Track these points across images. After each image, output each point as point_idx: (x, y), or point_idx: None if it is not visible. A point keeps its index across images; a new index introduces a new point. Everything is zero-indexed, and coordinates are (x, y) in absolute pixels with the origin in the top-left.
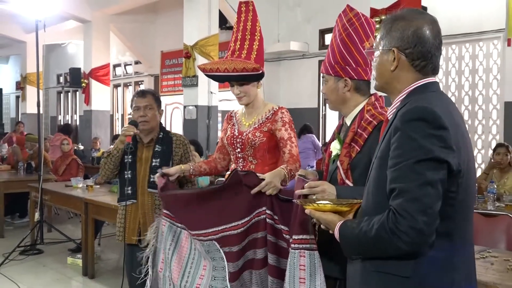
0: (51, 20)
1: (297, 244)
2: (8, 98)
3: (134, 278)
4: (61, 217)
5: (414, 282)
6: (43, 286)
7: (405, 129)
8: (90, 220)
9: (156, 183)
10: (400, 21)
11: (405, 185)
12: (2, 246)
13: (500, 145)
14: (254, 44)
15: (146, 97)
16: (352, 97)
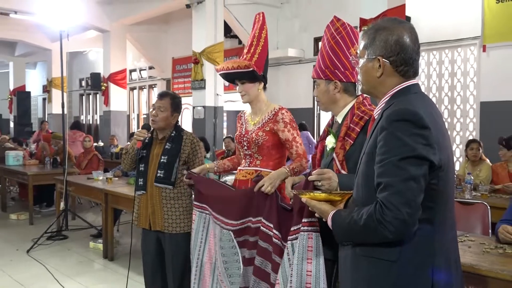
0: (74, 30)
1: (306, 227)
2: (36, 100)
3: (146, 256)
4: (83, 206)
5: (399, 266)
6: (68, 268)
7: (390, 128)
8: (110, 208)
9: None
10: (382, 31)
11: (390, 179)
12: (32, 232)
13: (473, 141)
14: (258, 48)
15: (163, 99)
16: (342, 97)
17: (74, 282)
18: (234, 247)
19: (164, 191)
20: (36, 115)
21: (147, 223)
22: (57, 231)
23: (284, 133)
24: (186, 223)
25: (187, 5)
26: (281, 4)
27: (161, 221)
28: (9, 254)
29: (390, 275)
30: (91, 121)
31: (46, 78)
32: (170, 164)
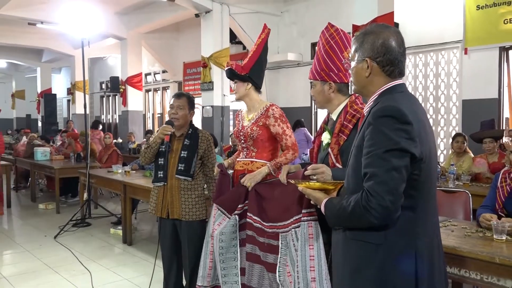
0: (95, 38)
1: (306, 217)
2: (61, 101)
3: (164, 243)
4: (105, 197)
5: (385, 248)
6: (91, 252)
7: (376, 124)
8: (128, 198)
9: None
10: (370, 35)
11: (375, 170)
12: (58, 220)
13: (458, 134)
14: (250, 53)
15: (181, 98)
16: (336, 97)
17: (97, 265)
18: (235, 231)
19: (182, 183)
20: (62, 115)
21: (164, 212)
22: (81, 219)
23: (275, 127)
24: (201, 212)
25: (196, 14)
26: (281, 12)
27: (178, 210)
28: (39, 240)
29: (376, 256)
30: (111, 120)
31: (70, 82)
32: (189, 159)
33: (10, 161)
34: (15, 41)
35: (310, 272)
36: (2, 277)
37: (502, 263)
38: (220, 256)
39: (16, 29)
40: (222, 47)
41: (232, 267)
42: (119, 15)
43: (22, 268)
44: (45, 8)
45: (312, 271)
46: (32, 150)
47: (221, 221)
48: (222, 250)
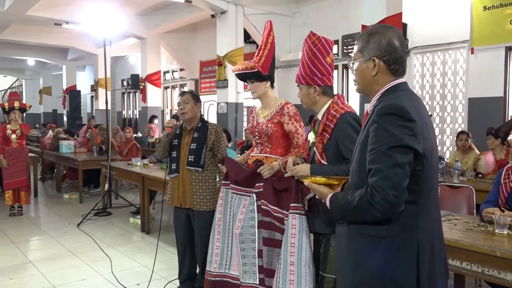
0: (116, 37)
1: (292, 210)
2: (85, 98)
3: (178, 231)
4: (125, 188)
5: (388, 241)
6: (111, 239)
7: (380, 121)
8: (146, 190)
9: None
10: (375, 35)
11: (379, 166)
12: (81, 209)
13: (462, 132)
14: (265, 52)
15: (185, 95)
16: (321, 99)
17: (116, 251)
18: (253, 211)
19: (194, 174)
20: (85, 110)
21: (178, 202)
22: (102, 209)
23: (288, 125)
24: (212, 202)
25: (212, 15)
26: (293, 13)
27: (190, 200)
28: (63, 228)
29: (379, 249)
30: (132, 115)
31: (93, 79)
32: (199, 150)
33: (37, 153)
34: (42, 40)
35: (290, 257)
36: (28, 261)
37: (503, 257)
38: (240, 237)
39: (43, 29)
40: (237, 47)
41: (250, 248)
42: (139, 16)
43: (47, 253)
44: (70, 9)
45: (292, 256)
46: (58, 143)
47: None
48: (242, 230)
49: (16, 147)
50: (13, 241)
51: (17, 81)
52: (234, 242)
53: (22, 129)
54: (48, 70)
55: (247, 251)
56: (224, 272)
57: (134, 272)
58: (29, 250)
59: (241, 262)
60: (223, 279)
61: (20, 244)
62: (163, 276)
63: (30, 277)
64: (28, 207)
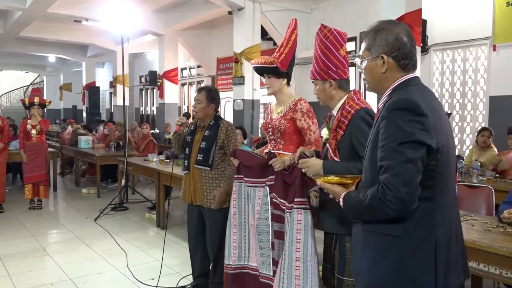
0: (135, 34)
1: (297, 205)
2: (104, 94)
3: (190, 226)
4: (141, 183)
5: (403, 240)
6: (127, 234)
7: (390, 117)
8: (162, 185)
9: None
10: (381, 32)
11: (390, 162)
12: (99, 203)
13: (485, 128)
14: (286, 49)
15: (200, 93)
16: (337, 93)
17: (132, 246)
18: (267, 203)
19: (204, 172)
20: (104, 106)
21: (190, 199)
22: (119, 203)
23: (301, 122)
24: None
25: (229, 12)
26: (311, 10)
27: (201, 197)
28: (80, 221)
29: (395, 247)
30: (149, 111)
31: (112, 75)
32: (208, 149)
33: (56, 148)
34: (63, 37)
35: (295, 253)
36: (46, 254)
37: None
38: (257, 228)
39: (63, 26)
40: (254, 43)
41: (266, 240)
42: (157, 13)
43: (65, 246)
44: (90, 6)
45: (297, 252)
46: (76, 139)
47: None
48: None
49: (36, 142)
50: (32, 234)
51: (38, 78)
52: (251, 234)
53: (42, 125)
54: (68, 66)
55: (264, 243)
56: (244, 264)
57: (149, 266)
58: (47, 243)
59: (259, 253)
60: (243, 270)
61: (39, 237)
62: (176, 271)
63: (48, 270)
64: (47, 201)
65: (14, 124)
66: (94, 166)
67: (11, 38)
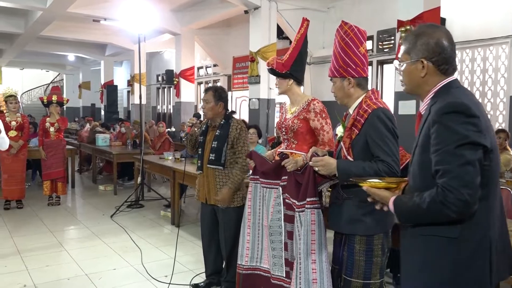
0: (152, 33)
1: (310, 205)
2: (121, 92)
3: (203, 225)
4: (158, 181)
5: (460, 242)
6: (143, 231)
7: (442, 120)
8: (177, 184)
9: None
10: (422, 36)
11: (448, 166)
12: (115, 201)
13: (501, 130)
14: (290, 49)
15: (207, 93)
16: (355, 92)
17: (146, 243)
18: (280, 204)
19: (216, 171)
20: (122, 104)
21: (204, 198)
22: (135, 201)
23: (314, 122)
24: (236, 199)
25: (246, 11)
26: (327, 8)
27: (214, 197)
28: (97, 218)
29: (450, 250)
30: (166, 110)
31: (129, 74)
32: (219, 148)
33: (75, 146)
34: (82, 36)
35: (311, 255)
36: (63, 249)
37: None
38: (269, 229)
39: (82, 26)
40: (270, 42)
41: (278, 241)
42: (174, 12)
43: (81, 242)
44: (108, 6)
45: (313, 254)
46: (94, 136)
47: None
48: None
49: (54, 139)
50: (50, 230)
51: (58, 76)
52: (264, 235)
53: (60, 123)
54: (87, 65)
55: (276, 244)
56: (256, 265)
57: (163, 264)
58: (64, 238)
59: (271, 255)
60: (255, 271)
61: (56, 232)
62: (190, 269)
63: (65, 265)
64: (65, 197)
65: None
66: (111, 164)
67: (32, 37)
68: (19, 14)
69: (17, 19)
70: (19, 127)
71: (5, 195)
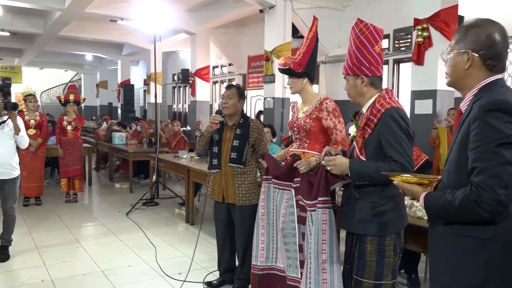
0: (168, 33)
1: (321, 204)
2: (138, 91)
3: (218, 224)
4: (173, 179)
5: (494, 243)
6: (157, 228)
7: (484, 118)
8: (191, 182)
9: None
10: (474, 28)
11: (486, 164)
12: (131, 198)
13: None
14: (303, 49)
15: (230, 89)
16: (368, 91)
17: (161, 240)
18: (293, 206)
19: (236, 170)
20: (138, 103)
21: (220, 197)
22: (150, 199)
23: (327, 121)
24: (253, 197)
25: (261, 10)
26: (343, 7)
27: (233, 195)
28: (113, 215)
29: (483, 252)
30: (181, 109)
31: (146, 73)
32: (241, 147)
33: (92, 144)
34: (99, 36)
35: (322, 255)
36: (79, 245)
37: None
38: (282, 231)
39: (100, 26)
40: (285, 41)
41: (292, 243)
42: (190, 11)
43: (97, 239)
44: (125, 6)
45: (323, 254)
46: (111, 135)
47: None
48: (284, 224)
49: (72, 137)
50: (67, 226)
51: (77, 75)
52: (278, 236)
53: (76, 122)
54: (105, 65)
55: (290, 245)
56: (271, 265)
57: (177, 261)
58: (81, 235)
59: (284, 256)
60: (270, 271)
61: (73, 229)
62: (204, 267)
63: (81, 261)
64: (82, 194)
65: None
66: (127, 162)
67: (51, 37)
68: (38, 15)
69: (37, 19)
70: (38, 125)
71: (24, 192)
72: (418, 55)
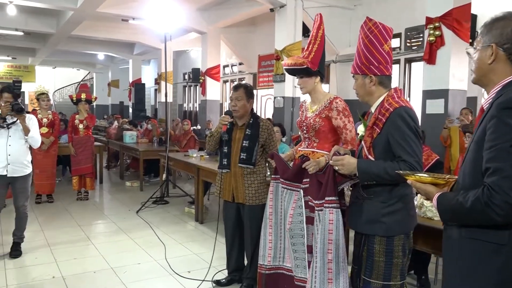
0: (178, 32)
1: (328, 204)
2: (149, 90)
3: (227, 223)
4: (183, 178)
5: (508, 248)
6: (167, 226)
7: (501, 116)
8: (201, 181)
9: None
10: (500, 21)
11: (500, 164)
12: (141, 197)
13: None
14: (314, 47)
15: (238, 90)
16: (377, 90)
17: (170, 238)
18: (301, 206)
19: (245, 170)
20: (149, 102)
21: (230, 196)
22: (160, 197)
23: (337, 120)
24: (263, 196)
25: (271, 9)
26: (354, 6)
27: (243, 195)
28: (123, 213)
29: (498, 257)
30: (192, 108)
31: (157, 73)
32: (251, 148)
33: (103, 143)
34: (111, 35)
35: (327, 254)
36: (90, 243)
37: None
38: (290, 232)
39: (112, 25)
40: (295, 41)
41: (300, 243)
42: (200, 11)
43: (107, 236)
44: (136, 5)
45: (329, 253)
46: (122, 134)
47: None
48: (292, 225)
49: (83, 136)
50: (78, 224)
51: (89, 74)
52: (286, 236)
53: (88, 120)
54: (116, 64)
55: (297, 246)
56: (279, 264)
57: (186, 259)
58: (92, 232)
59: (292, 256)
60: (278, 271)
61: (84, 226)
62: (213, 265)
63: (91, 258)
64: (93, 192)
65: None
66: (137, 160)
67: (63, 37)
68: (51, 14)
69: (50, 19)
70: (50, 124)
71: (37, 190)
72: (430, 54)
